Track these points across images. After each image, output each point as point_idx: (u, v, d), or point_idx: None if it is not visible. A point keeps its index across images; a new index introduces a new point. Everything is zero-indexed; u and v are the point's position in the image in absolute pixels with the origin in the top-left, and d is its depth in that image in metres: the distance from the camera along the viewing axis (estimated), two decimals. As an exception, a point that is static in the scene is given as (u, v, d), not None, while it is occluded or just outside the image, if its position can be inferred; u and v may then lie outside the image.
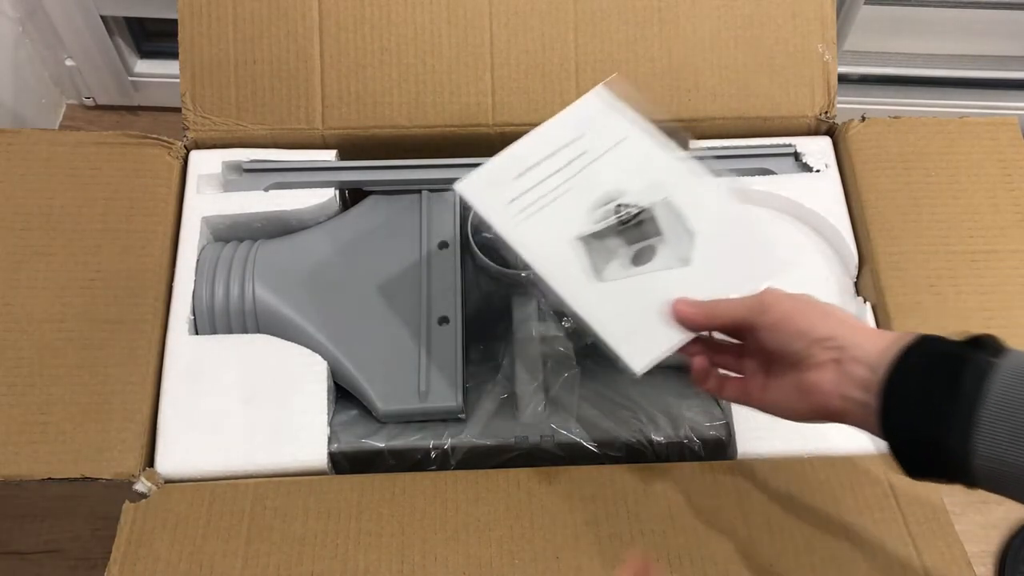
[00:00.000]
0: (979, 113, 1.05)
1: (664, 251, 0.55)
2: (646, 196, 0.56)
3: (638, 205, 0.56)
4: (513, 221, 0.56)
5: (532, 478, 0.57)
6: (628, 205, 0.56)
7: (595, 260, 0.55)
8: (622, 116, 0.59)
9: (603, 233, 0.56)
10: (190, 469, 0.58)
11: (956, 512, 0.57)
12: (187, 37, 0.69)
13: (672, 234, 0.55)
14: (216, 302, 0.64)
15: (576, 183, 0.57)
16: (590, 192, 0.57)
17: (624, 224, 0.56)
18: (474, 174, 0.57)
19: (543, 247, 0.55)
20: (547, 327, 0.65)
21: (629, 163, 0.57)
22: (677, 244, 0.55)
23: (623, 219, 0.56)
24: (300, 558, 0.54)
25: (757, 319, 0.47)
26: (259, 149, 0.70)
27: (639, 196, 0.56)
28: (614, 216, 0.56)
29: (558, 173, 0.57)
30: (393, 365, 0.62)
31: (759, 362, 0.50)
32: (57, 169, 0.67)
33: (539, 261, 0.54)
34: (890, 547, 0.55)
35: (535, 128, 0.59)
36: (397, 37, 0.70)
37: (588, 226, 0.56)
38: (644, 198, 0.56)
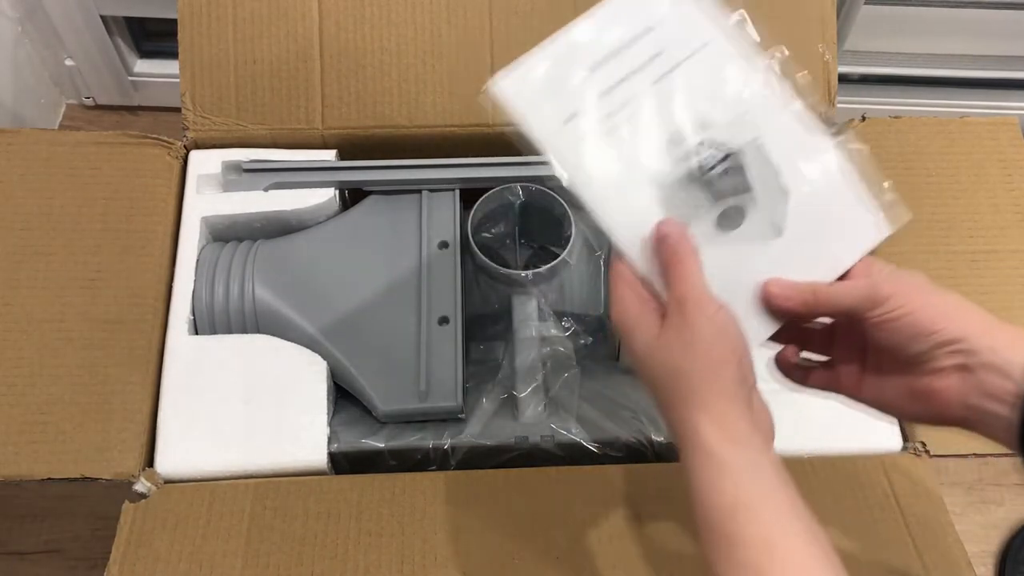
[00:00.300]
0: (979, 113, 1.05)
1: (755, 214, 0.45)
2: (734, 133, 0.45)
3: (725, 146, 0.45)
4: (573, 151, 0.44)
5: (532, 478, 0.57)
6: (713, 144, 0.45)
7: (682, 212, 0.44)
8: (699, 9, 0.46)
9: (681, 182, 0.45)
10: (190, 469, 0.58)
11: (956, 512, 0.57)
12: (187, 37, 0.69)
13: (765, 192, 0.45)
14: (216, 302, 0.64)
15: (650, 100, 0.45)
16: (667, 117, 0.45)
17: (707, 171, 0.45)
18: (517, 68, 0.45)
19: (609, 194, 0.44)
20: (547, 327, 0.65)
21: (712, 81, 0.45)
22: (770, 206, 0.45)
23: (705, 163, 0.44)
24: (300, 558, 0.54)
25: (870, 313, 0.41)
26: (259, 149, 0.70)
27: (726, 132, 0.45)
28: (695, 157, 0.45)
29: (628, 81, 0.44)
30: (393, 365, 0.62)
31: (857, 353, 0.45)
32: (57, 169, 0.66)
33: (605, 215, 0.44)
34: (890, 547, 0.55)
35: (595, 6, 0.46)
36: (397, 37, 0.70)
37: (666, 167, 0.44)
38: (732, 136, 0.45)
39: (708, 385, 0.38)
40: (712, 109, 0.45)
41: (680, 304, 0.40)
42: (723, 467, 0.37)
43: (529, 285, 0.66)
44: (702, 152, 0.45)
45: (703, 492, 0.37)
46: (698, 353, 0.39)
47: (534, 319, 0.65)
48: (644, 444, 0.61)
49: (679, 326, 0.40)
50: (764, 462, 0.38)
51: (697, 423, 0.38)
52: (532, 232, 0.73)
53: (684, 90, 0.45)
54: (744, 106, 0.45)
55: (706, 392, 0.38)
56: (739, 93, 0.45)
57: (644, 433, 0.61)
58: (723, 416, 0.38)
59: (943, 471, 0.88)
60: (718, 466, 0.37)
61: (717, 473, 0.37)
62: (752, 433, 0.38)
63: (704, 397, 0.38)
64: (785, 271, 0.44)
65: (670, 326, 0.40)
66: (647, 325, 0.41)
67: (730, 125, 0.45)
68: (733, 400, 0.38)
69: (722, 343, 0.39)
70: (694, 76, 0.45)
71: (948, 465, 0.88)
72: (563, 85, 0.44)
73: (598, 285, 0.69)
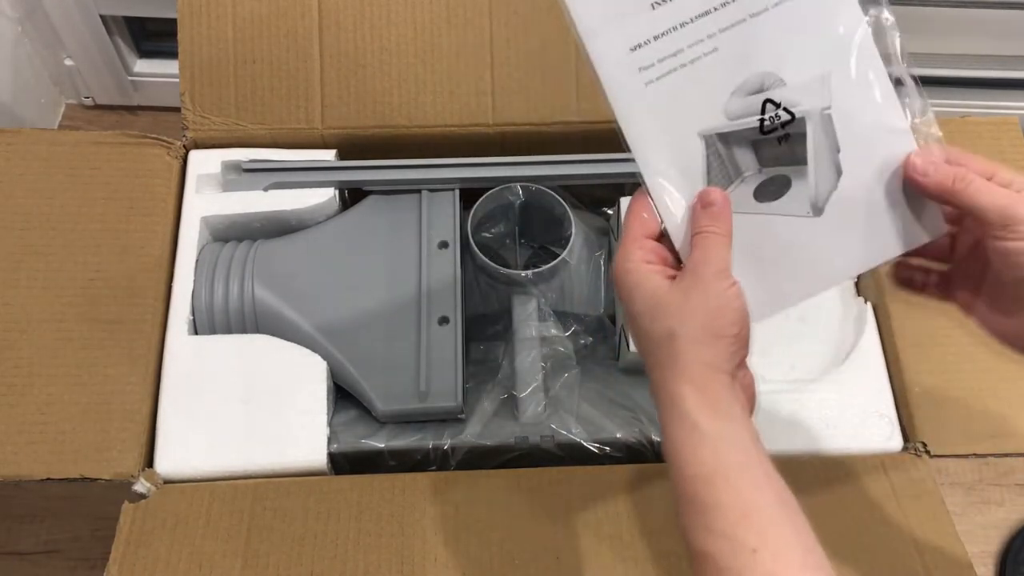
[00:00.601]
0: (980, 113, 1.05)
1: (799, 189, 0.43)
2: (807, 97, 0.42)
3: (793, 108, 0.42)
4: (633, 83, 0.41)
5: (532, 478, 0.57)
6: (780, 106, 0.42)
7: (714, 175, 0.43)
8: None
9: (735, 138, 0.42)
10: (190, 469, 0.58)
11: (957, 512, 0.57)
12: (187, 37, 0.69)
13: (817, 167, 0.42)
14: (216, 302, 0.64)
15: (727, 42, 0.41)
16: (740, 64, 0.41)
17: (766, 134, 0.42)
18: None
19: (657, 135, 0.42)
20: (547, 327, 0.65)
21: (805, 32, 0.41)
22: (818, 184, 0.42)
23: (768, 125, 0.42)
24: (300, 558, 0.54)
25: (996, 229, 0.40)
26: (258, 149, 0.70)
27: (800, 93, 0.42)
28: (757, 116, 0.42)
29: (708, 16, 0.41)
30: (393, 365, 0.62)
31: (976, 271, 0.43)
32: (56, 169, 0.66)
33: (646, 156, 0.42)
34: (890, 547, 0.55)
35: None
36: (397, 37, 0.70)
37: (720, 117, 0.42)
38: (804, 99, 0.42)
39: (698, 354, 0.38)
40: (793, 64, 0.42)
41: (697, 269, 0.40)
42: (704, 437, 0.37)
43: (529, 285, 0.66)
44: (768, 111, 0.42)
45: (682, 459, 0.37)
46: (698, 320, 0.39)
47: (534, 319, 0.65)
48: (644, 444, 0.61)
49: (688, 289, 0.39)
50: (743, 433, 0.38)
51: (682, 390, 0.38)
52: (532, 232, 0.73)
53: (766, 40, 0.41)
54: (829, 67, 0.42)
55: (694, 360, 0.38)
56: (829, 52, 0.42)
57: (644, 433, 0.61)
58: (707, 386, 0.38)
59: (943, 471, 0.88)
60: (700, 436, 0.37)
61: (698, 442, 0.37)
62: (732, 404, 0.38)
63: (691, 365, 0.38)
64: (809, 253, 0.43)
65: (679, 288, 0.40)
66: (654, 283, 0.40)
67: (805, 87, 0.42)
68: (719, 372, 0.39)
69: (724, 316, 0.39)
70: (782, 26, 0.41)
71: (948, 465, 0.88)
72: (640, 6, 0.40)
73: (598, 285, 0.69)
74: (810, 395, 0.61)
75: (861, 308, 0.65)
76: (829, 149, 0.42)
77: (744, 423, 0.38)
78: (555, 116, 0.70)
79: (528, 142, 0.70)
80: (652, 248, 0.42)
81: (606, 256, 0.70)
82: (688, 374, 0.38)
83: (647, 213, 0.42)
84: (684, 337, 0.38)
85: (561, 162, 0.68)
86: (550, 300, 0.66)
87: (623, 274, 0.41)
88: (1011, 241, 0.40)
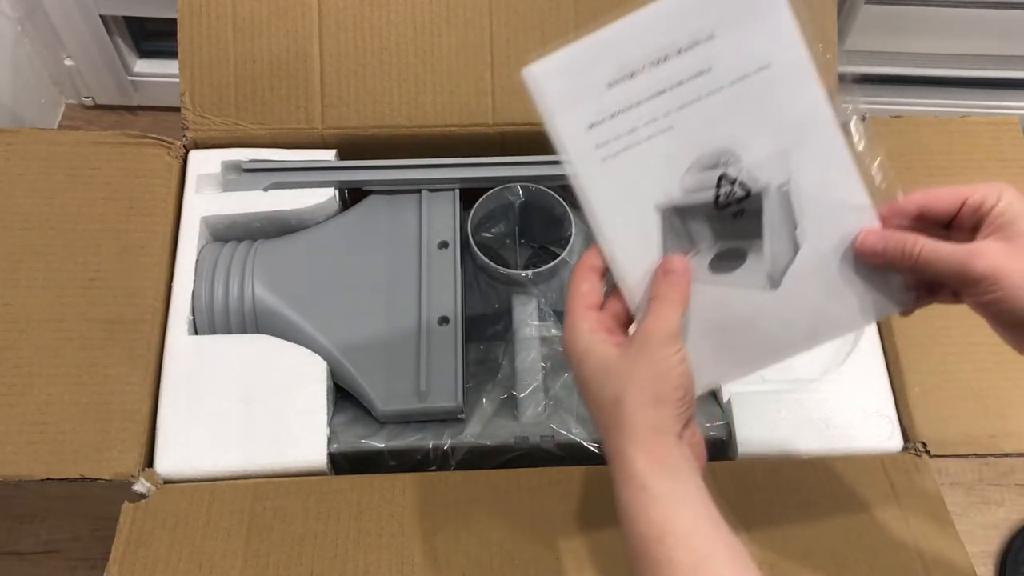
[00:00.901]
0: (980, 112, 1.05)
1: (755, 262, 0.43)
2: (765, 171, 0.42)
3: (749, 184, 0.42)
4: (591, 159, 0.42)
5: (532, 478, 0.57)
6: (736, 181, 0.42)
7: (670, 246, 0.43)
8: (776, 22, 0.41)
9: (691, 211, 0.43)
10: (189, 469, 0.58)
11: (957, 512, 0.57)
12: (186, 37, 0.69)
13: (773, 242, 0.43)
14: (216, 302, 0.64)
15: (683, 120, 0.42)
16: (696, 141, 0.42)
17: (721, 208, 0.43)
18: (554, 60, 0.42)
19: (614, 208, 0.43)
20: (547, 327, 0.65)
21: (762, 109, 0.42)
22: (774, 258, 0.43)
23: (722, 200, 0.43)
24: (300, 558, 0.54)
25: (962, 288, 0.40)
26: (258, 149, 0.70)
27: (756, 168, 0.42)
28: (712, 191, 0.42)
29: (664, 95, 0.41)
30: (393, 365, 0.62)
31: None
32: (56, 169, 0.66)
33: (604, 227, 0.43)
34: (891, 547, 0.55)
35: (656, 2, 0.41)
36: (397, 37, 0.70)
37: (676, 192, 0.42)
38: (762, 173, 0.42)
39: (644, 418, 0.40)
40: (751, 139, 0.42)
41: (646, 335, 0.41)
42: (654, 497, 0.38)
43: (529, 285, 0.66)
44: (723, 186, 0.42)
45: (633, 519, 0.39)
46: (643, 386, 0.40)
47: (534, 319, 0.65)
48: (644, 444, 0.61)
49: (635, 356, 0.41)
50: (692, 490, 0.39)
51: (632, 454, 0.39)
52: (532, 232, 0.73)
53: (721, 117, 0.42)
54: (786, 143, 0.42)
55: (641, 424, 0.40)
56: (786, 129, 0.42)
57: (644, 433, 0.61)
58: (654, 449, 0.39)
59: (943, 471, 0.88)
60: (649, 496, 0.38)
61: (648, 502, 0.38)
62: (680, 463, 0.40)
63: (638, 429, 0.40)
64: (767, 325, 0.43)
65: (626, 355, 0.41)
66: (600, 351, 0.42)
67: (761, 163, 0.42)
68: (665, 434, 0.40)
69: (668, 381, 0.40)
70: (738, 104, 0.42)
71: (948, 465, 0.88)
72: (597, 86, 0.42)
73: (598, 285, 0.69)
74: (810, 395, 0.61)
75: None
76: (786, 224, 0.43)
77: (692, 481, 0.40)
78: (555, 116, 0.70)
79: (528, 142, 0.70)
80: (596, 318, 0.43)
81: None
82: (636, 438, 0.39)
83: (588, 285, 0.44)
84: (630, 402, 0.40)
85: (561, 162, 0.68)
86: (550, 300, 0.66)
87: (571, 344, 0.43)
88: (977, 297, 0.40)
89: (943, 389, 0.61)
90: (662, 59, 0.41)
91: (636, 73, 0.42)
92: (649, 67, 0.41)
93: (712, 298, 0.43)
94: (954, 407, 0.61)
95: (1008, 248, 0.39)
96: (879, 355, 0.63)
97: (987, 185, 0.41)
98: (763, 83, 0.42)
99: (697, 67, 0.41)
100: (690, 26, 0.41)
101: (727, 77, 0.42)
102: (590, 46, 0.42)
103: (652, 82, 0.42)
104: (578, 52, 0.42)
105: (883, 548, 0.55)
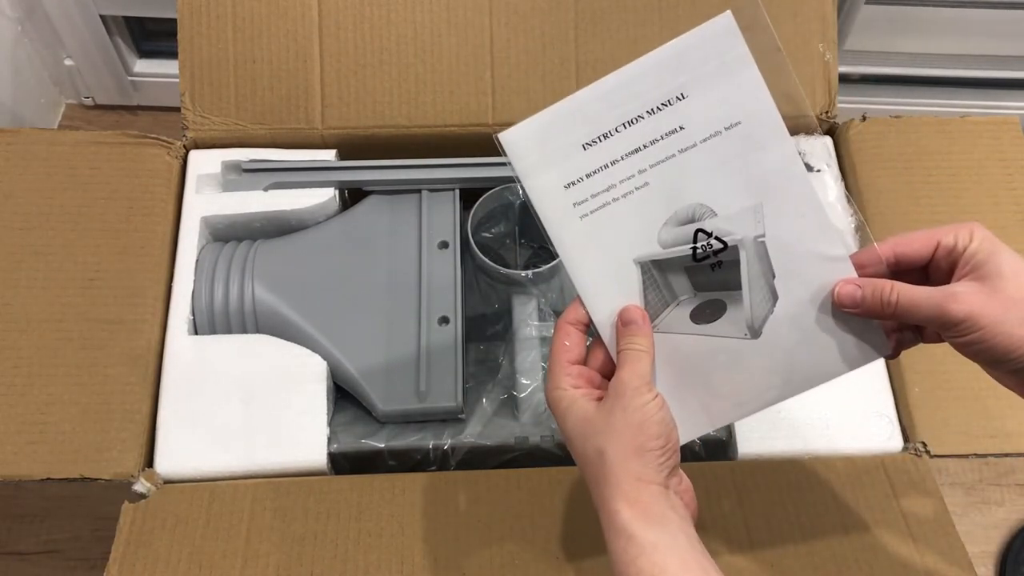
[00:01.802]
0: (980, 112, 1.05)
1: (735, 313, 0.44)
2: (740, 225, 0.43)
3: (725, 238, 0.44)
4: (567, 217, 0.44)
5: (532, 478, 0.57)
6: (712, 236, 0.44)
7: (650, 298, 0.45)
8: (745, 80, 0.42)
9: (669, 264, 0.44)
10: (189, 469, 0.58)
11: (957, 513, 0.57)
12: (186, 37, 0.69)
13: (753, 293, 0.44)
14: (215, 302, 0.64)
15: (658, 177, 0.43)
16: (671, 197, 0.43)
17: (700, 260, 0.44)
18: (528, 125, 0.44)
19: (593, 263, 0.44)
20: (547, 327, 0.65)
21: (734, 166, 0.43)
22: (754, 309, 0.44)
23: (700, 254, 0.44)
24: (300, 558, 0.54)
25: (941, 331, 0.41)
26: (258, 149, 0.70)
27: (731, 223, 0.43)
28: (689, 245, 0.44)
29: (638, 154, 0.43)
30: (393, 365, 0.62)
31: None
32: (56, 169, 0.66)
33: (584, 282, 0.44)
34: (891, 547, 0.55)
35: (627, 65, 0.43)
36: (397, 37, 0.70)
37: (654, 246, 0.44)
38: (737, 227, 0.43)
39: (627, 469, 0.40)
40: (725, 195, 0.43)
41: (619, 389, 0.42)
42: (641, 547, 0.39)
43: (529, 285, 0.66)
44: (700, 240, 0.44)
45: (623, 570, 0.39)
46: (624, 438, 0.41)
47: (534, 319, 0.65)
48: (644, 444, 0.61)
49: (611, 410, 0.41)
50: (680, 538, 0.39)
51: (617, 505, 0.40)
52: (532, 232, 0.73)
53: (695, 172, 0.43)
54: (761, 197, 0.43)
55: (624, 475, 0.40)
56: (759, 183, 0.43)
57: (644, 433, 0.61)
58: (639, 499, 0.40)
59: (943, 471, 0.88)
60: (637, 546, 0.39)
61: (636, 552, 0.39)
62: (666, 511, 0.40)
63: (622, 480, 0.40)
64: (749, 373, 0.44)
65: (603, 409, 0.42)
66: (581, 406, 0.43)
67: (736, 217, 0.43)
68: (650, 483, 0.40)
69: (647, 430, 0.41)
70: (711, 159, 0.43)
71: (948, 465, 0.88)
72: (572, 148, 0.43)
73: (598, 285, 0.69)
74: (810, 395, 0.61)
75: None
76: (764, 275, 0.44)
77: (680, 528, 0.40)
78: (555, 116, 0.70)
79: (528, 142, 0.70)
80: (578, 372, 0.44)
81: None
82: (620, 489, 0.40)
83: (569, 340, 0.45)
84: (612, 454, 0.40)
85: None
86: (550, 300, 0.66)
87: (555, 401, 0.44)
88: (957, 339, 0.40)
89: (943, 389, 0.61)
90: (636, 119, 0.43)
91: (610, 134, 0.43)
92: (623, 127, 0.43)
93: (694, 348, 0.45)
94: (954, 407, 0.61)
95: (983, 288, 0.40)
96: (879, 355, 0.63)
97: (958, 225, 0.42)
98: (734, 140, 0.43)
99: (670, 125, 0.43)
100: (663, 87, 0.43)
101: (699, 135, 0.43)
102: (563, 110, 0.43)
103: (627, 142, 0.43)
104: (552, 117, 0.43)
105: (883, 548, 0.55)
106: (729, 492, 0.57)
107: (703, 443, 0.61)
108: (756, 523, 0.56)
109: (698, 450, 0.61)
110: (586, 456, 0.42)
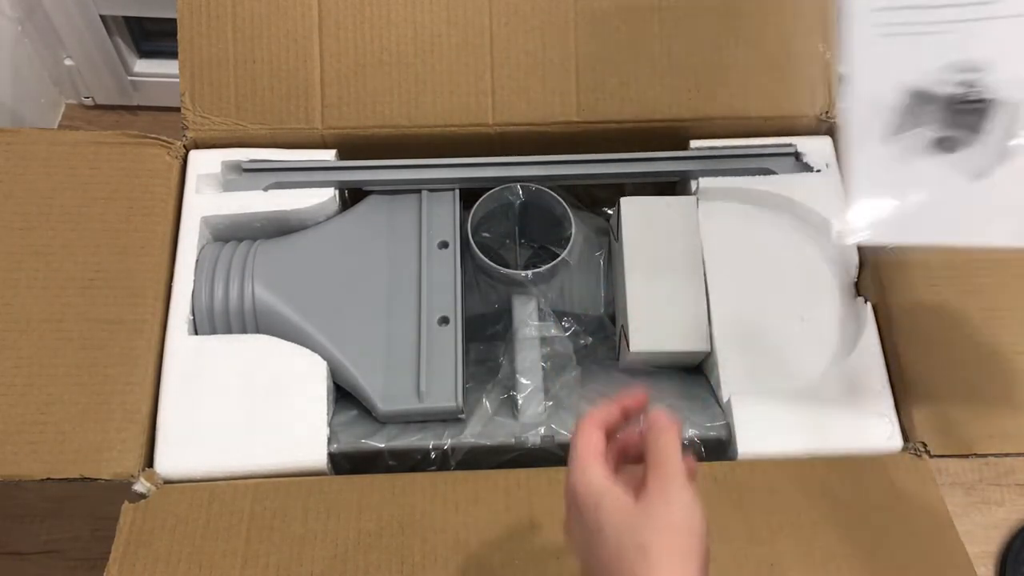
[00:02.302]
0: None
1: (968, 153, 0.48)
2: (1008, 88, 0.48)
3: (988, 94, 0.48)
4: (868, 34, 0.49)
5: (532, 478, 0.57)
6: (978, 87, 0.48)
7: (903, 119, 0.49)
8: None
9: (930, 97, 0.49)
10: (189, 469, 0.58)
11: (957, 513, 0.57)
12: (186, 37, 0.69)
13: (989, 143, 0.48)
14: (216, 302, 0.64)
15: (953, 29, 0.49)
16: (958, 48, 0.48)
17: (956, 103, 0.49)
18: None
19: (872, 73, 0.49)
20: (547, 327, 0.65)
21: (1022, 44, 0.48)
22: (983, 155, 0.48)
23: (960, 97, 0.49)
24: (300, 558, 0.54)
25: None
26: (258, 149, 0.70)
27: (1002, 84, 0.48)
28: (954, 87, 0.49)
29: (944, 8, 0.49)
30: (393, 365, 0.62)
31: None
32: (56, 169, 0.66)
33: (856, 83, 0.49)
34: (890, 547, 0.55)
35: None
36: (397, 37, 0.70)
37: (928, 78, 0.49)
38: (1004, 89, 0.48)
39: (672, 567, 0.39)
40: (1009, 61, 0.47)
41: (665, 483, 0.41)
42: None
43: (529, 285, 0.66)
44: (964, 86, 0.48)
45: None
46: (672, 534, 0.40)
47: (534, 319, 0.65)
48: (644, 444, 0.61)
49: (657, 504, 0.41)
50: None
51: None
52: (532, 232, 0.73)
53: (992, 35, 0.48)
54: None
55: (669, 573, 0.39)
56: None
57: (644, 433, 0.61)
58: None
59: (943, 471, 0.88)
60: None
61: None
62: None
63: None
64: (961, 206, 0.48)
65: (648, 502, 0.41)
66: (617, 497, 0.42)
67: (1011, 81, 0.47)
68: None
69: (692, 530, 0.40)
70: (1013, 27, 0.47)
71: (948, 465, 0.88)
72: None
73: (598, 285, 0.69)
74: (810, 395, 0.61)
75: (861, 308, 0.65)
76: (1011, 132, 0.48)
77: None
78: (555, 116, 0.70)
79: (528, 142, 0.70)
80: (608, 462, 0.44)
81: (606, 256, 0.70)
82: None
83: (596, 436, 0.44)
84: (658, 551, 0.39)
85: (561, 162, 0.68)
86: (550, 300, 0.67)
87: (585, 487, 0.42)
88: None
89: (943, 389, 0.61)
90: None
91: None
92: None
93: (925, 171, 0.48)
94: (954, 407, 0.61)
95: None
96: (879, 355, 0.63)
97: None
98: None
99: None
100: None
101: (1005, 11, 0.48)
102: None
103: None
104: None
105: (883, 548, 0.55)
106: (729, 492, 0.57)
107: (703, 443, 0.61)
108: (756, 523, 0.56)
109: (698, 450, 0.61)
110: (621, 548, 0.41)
